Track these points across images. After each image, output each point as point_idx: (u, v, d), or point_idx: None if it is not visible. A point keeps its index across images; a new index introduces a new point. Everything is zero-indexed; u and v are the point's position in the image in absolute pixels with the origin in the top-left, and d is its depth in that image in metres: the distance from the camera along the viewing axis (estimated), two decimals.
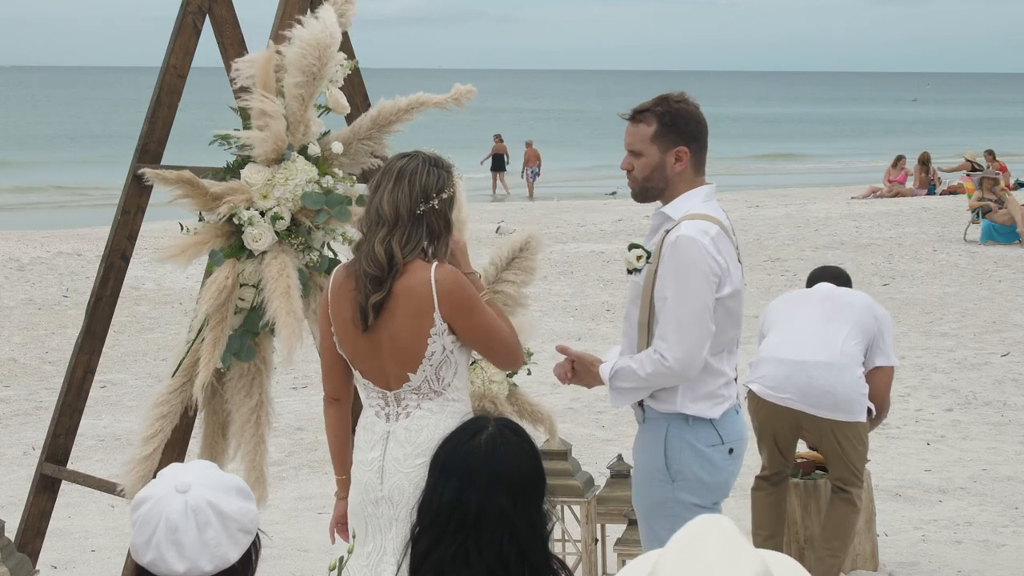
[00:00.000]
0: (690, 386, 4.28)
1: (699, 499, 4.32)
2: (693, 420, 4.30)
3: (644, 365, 4.24)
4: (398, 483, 4.04)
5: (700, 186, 4.38)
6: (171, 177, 4.53)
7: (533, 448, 2.96)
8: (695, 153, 4.35)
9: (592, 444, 8.77)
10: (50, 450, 5.29)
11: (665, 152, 4.33)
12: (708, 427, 4.31)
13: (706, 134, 4.41)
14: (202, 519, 2.57)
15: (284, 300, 4.47)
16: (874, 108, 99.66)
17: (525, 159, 32.94)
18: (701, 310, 4.19)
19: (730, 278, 4.25)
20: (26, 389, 10.92)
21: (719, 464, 4.33)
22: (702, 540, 2.03)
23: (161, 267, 17.12)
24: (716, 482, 4.34)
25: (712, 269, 4.20)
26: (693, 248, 4.19)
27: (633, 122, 4.39)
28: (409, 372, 4.03)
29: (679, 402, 4.29)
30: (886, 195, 27.23)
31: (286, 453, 8.84)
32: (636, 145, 4.37)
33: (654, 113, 4.34)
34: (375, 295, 3.98)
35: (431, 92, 4.92)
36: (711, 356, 4.28)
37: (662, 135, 4.33)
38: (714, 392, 4.31)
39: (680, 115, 4.34)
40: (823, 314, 6.09)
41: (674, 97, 4.39)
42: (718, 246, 4.23)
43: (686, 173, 4.36)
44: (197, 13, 5.09)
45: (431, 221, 4.00)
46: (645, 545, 4.51)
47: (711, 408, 4.30)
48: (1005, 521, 7.26)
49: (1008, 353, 11.64)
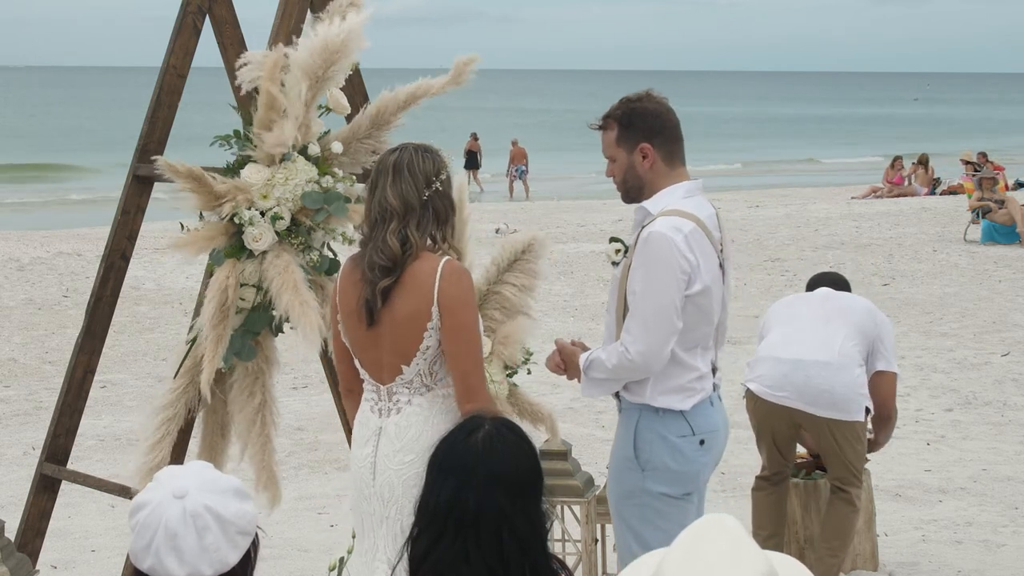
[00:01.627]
0: (659, 379, 4.33)
1: (668, 489, 4.35)
2: (663, 411, 4.34)
3: (611, 357, 4.31)
4: (388, 479, 4.05)
5: (681, 181, 4.41)
6: (182, 170, 4.54)
7: (530, 446, 2.97)
8: (660, 147, 4.39)
9: (592, 444, 8.77)
10: (50, 450, 5.29)
11: (631, 152, 4.41)
12: (678, 418, 4.34)
13: (672, 127, 4.43)
14: (201, 524, 2.56)
15: (294, 293, 4.47)
16: (874, 109, 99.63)
17: (511, 157, 32.89)
18: (666, 306, 4.23)
19: (700, 275, 4.27)
20: (26, 389, 10.92)
21: (689, 455, 4.35)
22: (707, 539, 2.03)
23: (161, 267, 17.12)
24: (686, 472, 4.36)
25: (681, 266, 4.23)
26: (663, 244, 4.23)
27: (601, 130, 4.49)
28: (403, 364, 4.04)
29: (648, 394, 4.35)
30: (886, 195, 27.23)
31: (286, 453, 8.84)
32: (607, 151, 4.47)
33: (613, 117, 4.44)
34: (384, 281, 3.99)
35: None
36: (683, 351, 4.31)
37: (624, 136, 4.41)
38: (684, 386, 4.35)
39: (636, 113, 4.40)
40: (823, 315, 6.10)
41: (632, 97, 4.47)
42: (690, 243, 4.26)
43: (657, 168, 4.40)
44: (197, 13, 5.09)
45: (436, 204, 4.04)
46: (617, 534, 4.54)
47: (681, 401, 4.34)
48: (1005, 521, 7.26)
49: (1008, 353, 11.64)
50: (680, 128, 4.46)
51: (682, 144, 4.48)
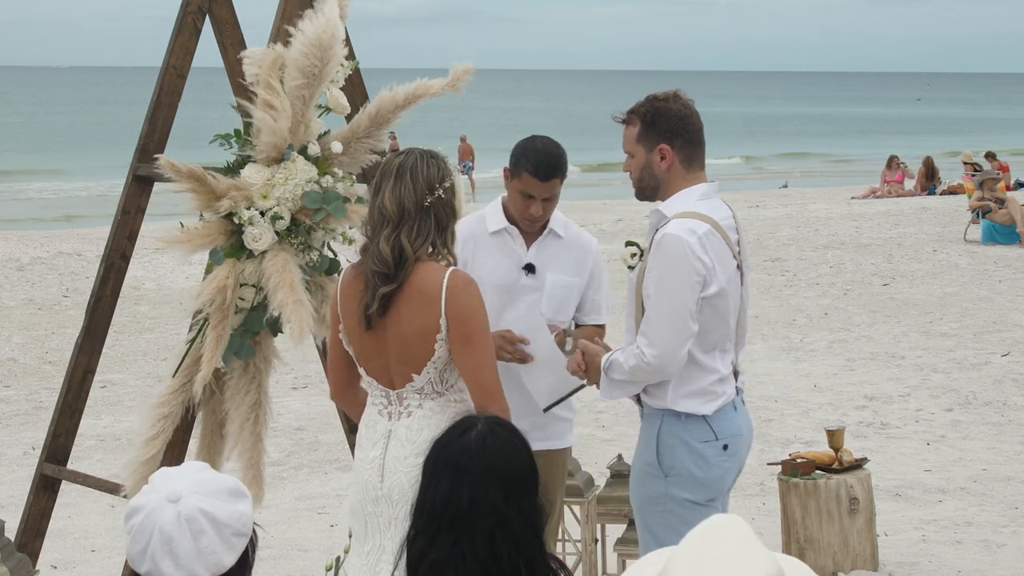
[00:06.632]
0: (680, 382, 4.31)
1: (692, 495, 4.32)
2: (686, 416, 4.32)
3: (628, 359, 4.29)
4: (397, 482, 4.04)
5: (698, 183, 4.39)
6: (183, 169, 4.53)
7: (524, 443, 2.98)
8: (680, 150, 4.37)
9: (592, 444, 8.76)
10: (50, 450, 5.29)
11: (650, 151, 4.39)
12: (701, 423, 4.32)
13: (694, 131, 4.40)
14: (196, 528, 2.56)
15: (289, 291, 4.47)
16: (875, 109, 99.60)
17: (460, 154, 33.05)
18: (680, 309, 4.21)
19: (716, 277, 4.26)
20: (26, 389, 10.92)
21: (712, 460, 4.33)
22: (715, 539, 2.03)
23: (161, 267, 17.13)
24: (709, 478, 4.34)
25: (696, 268, 4.22)
26: (677, 247, 4.22)
27: (624, 124, 4.46)
28: (413, 373, 4.03)
29: (669, 398, 4.32)
30: (885, 195, 27.23)
31: (286, 453, 8.84)
32: (627, 146, 4.45)
33: (637, 113, 4.42)
34: (384, 287, 3.98)
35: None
36: (702, 354, 4.30)
37: (645, 134, 4.39)
38: (705, 389, 4.32)
39: (660, 113, 4.37)
40: None
41: (659, 96, 4.44)
42: (705, 245, 4.24)
43: (675, 170, 4.38)
44: (197, 13, 5.09)
45: (438, 211, 4.02)
46: (641, 541, 4.52)
47: (703, 404, 4.32)
48: (1005, 521, 7.26)
49: (1008, 353, 11.64)
50: (702, 132, 4.44)
51: (703, 148, 4.45)
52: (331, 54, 4.57)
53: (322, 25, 4.56)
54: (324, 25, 4.56)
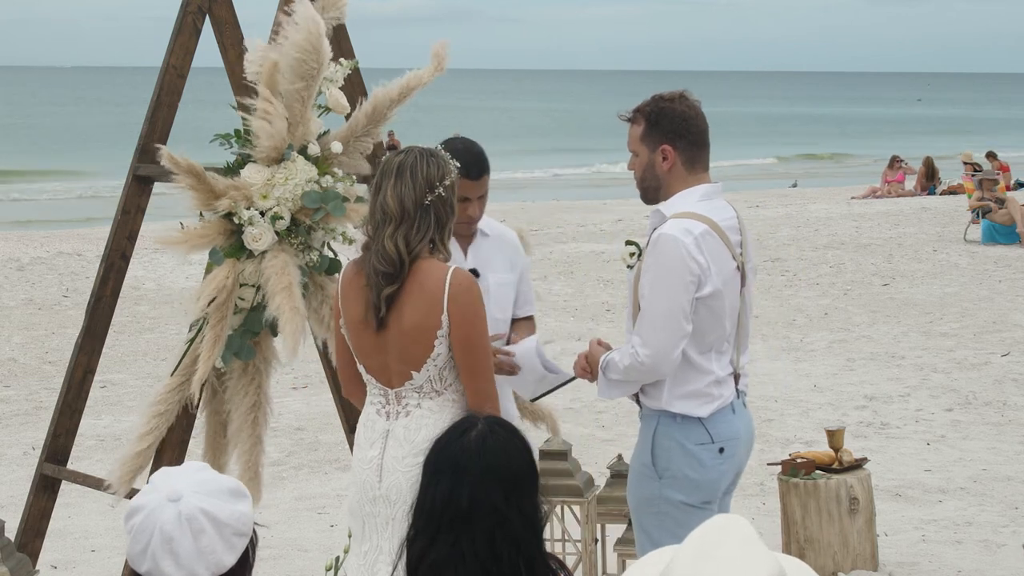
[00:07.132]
0: (675, 383, 4.31)
1: (687, 497, 4.32)
2: (682, 418, 4.32)
3: (624, 358, 4.30)
4: (395, 482, 4.04)
5: (699, 184, 4.38)
6: (182, 163, 4.54)
7: (524, 443, 2.99)
8: (683, 151, 4.36)
9: (592, 444, 8.76)
10: (50, 450, 5.29)
11: (653, 151, 4.38)
12: (697, 425, 4.32)
13: (698, 132, 4.39)
14: (196, 527, 2.56)
15: (286, 296, 4.47)
16: (875, 109, 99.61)
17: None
18: (673, 309, 4.21)
19: (711, 278, 4.25)
20: (26, 389, 10.92)
21: (707, 463, 4.33)
22: (717, 540, 2.03)
23: (161, 267, 17.13)
24: (704, 481, 4.33)
25: (690, 268, 4.22)
26: (672, 246, 4.22)
27: (630, 123, 4.45)
28: (412, 370, 4.04)
29: (665, 399, 4.33)
30: (885, 195, 27.23)
31: (286, 453, 8.84)
32: (631, 145, 4.45)
33: (642, 113, 4.41)
34: (388, 288, 3.99)
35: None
36: (698, 355, 4.30)
37: (648, 134, 4.38)
38: (700, 391, 4.32)
39: (664, 113, 4.37)
40: None
41: (665, 96, 4.43)
42: (701, 245, 4.24)
43: (677, 171, 4.37)
44: (197, 13, 5.09)
45: (438, 210, 4.03)
46: (637, 541, 4.53)
47: (699, 406, 4.32)
48: (1005, 521, 7.26)
49: (1008, 353, 11.64)
50: (707, 134, 4.43)
51: (707, 151, 4.44)
52: (320, 49, 4.56)
53: (305, 24, 4.55)
54: (306, 23, 4.55)
